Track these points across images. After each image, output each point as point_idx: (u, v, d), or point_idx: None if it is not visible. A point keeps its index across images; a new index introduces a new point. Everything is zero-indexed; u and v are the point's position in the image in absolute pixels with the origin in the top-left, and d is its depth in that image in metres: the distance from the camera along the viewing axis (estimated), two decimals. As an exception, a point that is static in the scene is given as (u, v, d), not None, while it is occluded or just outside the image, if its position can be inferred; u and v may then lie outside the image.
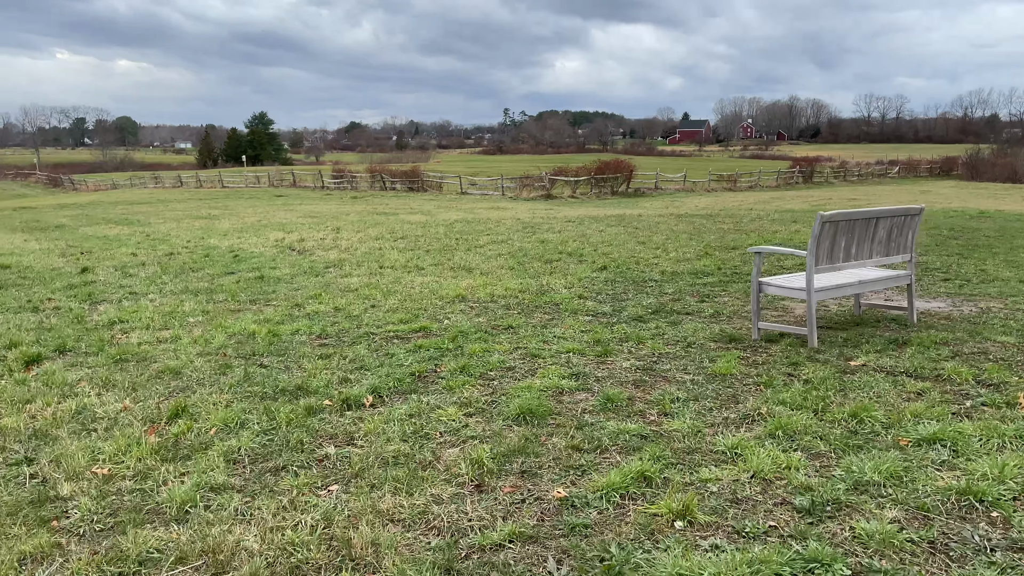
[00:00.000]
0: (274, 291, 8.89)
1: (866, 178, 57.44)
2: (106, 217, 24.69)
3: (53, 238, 16.90)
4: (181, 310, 7.72)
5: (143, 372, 5.42)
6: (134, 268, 11.00)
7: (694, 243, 12.84)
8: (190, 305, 7.97)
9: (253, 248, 13.42)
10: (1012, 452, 3.65)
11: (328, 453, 3.81)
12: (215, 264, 11.25)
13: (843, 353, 5.60)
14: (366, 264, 10.95)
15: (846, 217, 5.95)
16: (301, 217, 23.25)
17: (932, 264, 10.02)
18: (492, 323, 6.82)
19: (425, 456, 3.73)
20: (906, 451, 3.72)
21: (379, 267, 10.71)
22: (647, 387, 4.84)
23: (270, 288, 9.06)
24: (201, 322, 7.14)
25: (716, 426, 4.12)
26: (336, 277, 9.86)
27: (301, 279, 9.72)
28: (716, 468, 3.56)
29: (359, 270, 10.47)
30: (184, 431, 4.13)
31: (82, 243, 15.33)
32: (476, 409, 4.43)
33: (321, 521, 3.09)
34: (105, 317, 7.43)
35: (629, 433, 4.00)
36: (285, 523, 3.09)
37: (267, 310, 7.67)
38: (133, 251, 13.29)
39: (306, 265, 10.95)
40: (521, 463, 3.65)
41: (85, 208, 32.35)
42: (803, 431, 3.99)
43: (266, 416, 4.34)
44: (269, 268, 10.69)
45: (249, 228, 18.31)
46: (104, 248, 14.08)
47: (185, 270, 10.69)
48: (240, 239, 15.18)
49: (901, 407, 4.32)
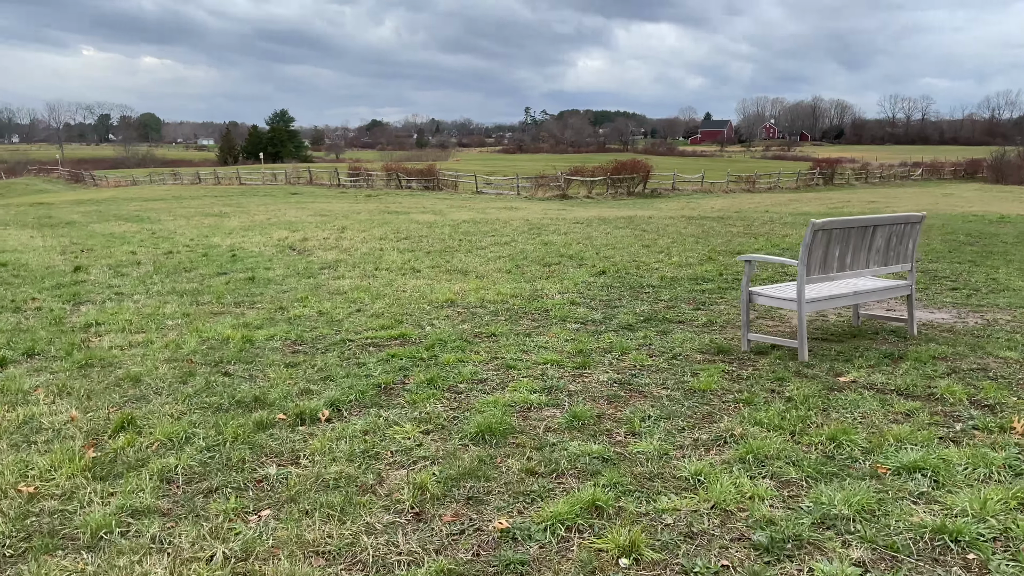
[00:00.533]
0: (262, 293, 8.72)
1: (888, 180, 56.64)
2: (118, 214, 24.72)
3: (60, 235, 16.87)
4: (162, 312, 7.56)
5: (104, 379, 5.25)
6: (128, 267, 10.88)
7: (699, 247, 12.55)
8: (172, 307, 7.82)
9: (253, 247, 13.28)
10: (997, 485, 3.38)
11: (268, 473, 3.61)
12: (211, 264, 11.11)
13: (833, 368, 5.33)
14: (362, 266, 10.77)
15: (840, 225, 5.67)
16: (311, 215, 23.14)
17: (941, 272, 9.69)
18: (475, 330, 6.60)
19: (368, 479, 3.51)
20: (883, 480, 3.46)
21: (375, 269, 10.52)
22: (620, 403, 4.60)
23: (258, 290, 8.89)
24: (179, 325, 6.97)
25: (685, 448, 3.88)
26: (329, 279, 9.68)
27: (292, 280, 9.55)
28: (676, 497, 3.32)
29: (354, 272, 10.28)
30: (124, 446, 3.94)
31: (86, 241, 15.27)
32: (435, 426, 4.21)
33: (239, 552, 2.89)
34: (84, 319, 7.29)
35: (590, 455, 3.76)
36: (201, 554, 2.88)
37: (249, 313, 7.50)
38: (133, 249, 13.19)
39: (302, 266, 10.78)
40: (469, 488, 3.43)
41: (101, 205, 32.48)
42: (776, 455, 3.73)
43: (214, 431, 4.14)
44: (263, 269, 10.54)
45: (256, 226, 18.20)
46: (106, 246, 14.00)
47: (179, 270, 10.56)
48: (243, 238, 15.06)
49: (885, 430, 4.05)
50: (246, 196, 37.58)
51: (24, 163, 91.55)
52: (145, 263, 11.29)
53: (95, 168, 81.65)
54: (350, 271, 10.33)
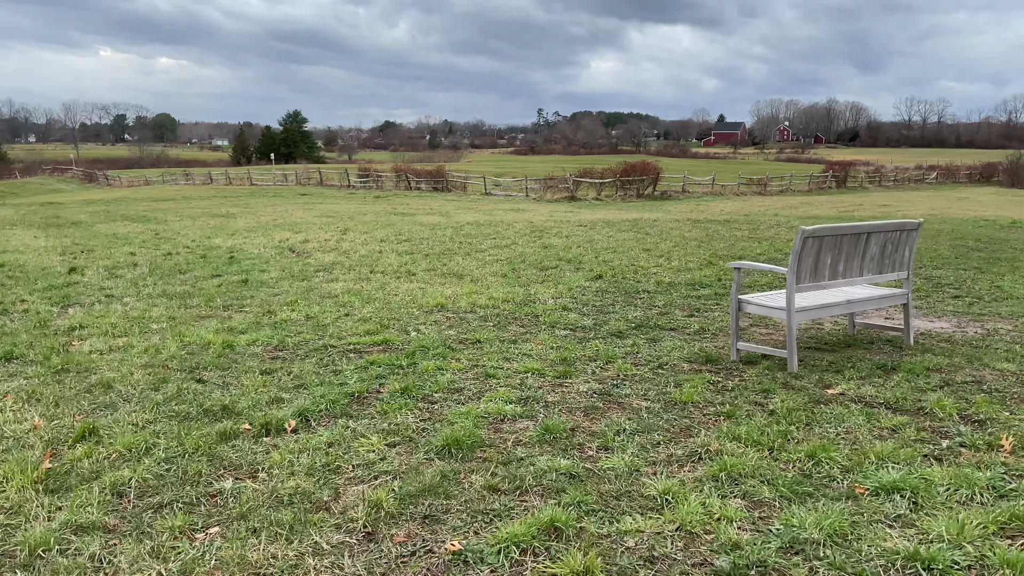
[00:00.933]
0: (252, 296, 8.64)
1: (902, 183, 56.15)
2: (126, 214, 24.76)
3: (63, 236, 16.87)
4: (148, 316, 7.48)
5: (77, 385, 5.16)
6: (124, 269, 10.82)
7: (701, 251, 12.38)
8: (160, 310, 7.74)
9: (253, 249, 13.22)
10: (978, 508, 3.23)
11: (223, 488, 3.50)
12: (208, 266, 11.04)
13: (822, 379, 5.18)
14: (358, 268, 10.68)
15: (832, 232, 5.52)
16: (317, 217, 23.10)
17: (945, 279, 9.49)
18: (460, 336, 6.48)
19: (323, 495, 3.40)
20: (860, 501, 3.32)
21: (370, 272, 10.42)
22: (596, 415, 4.47)
23: (250, 293, 8.81)
24: (163, 329, 6.89)
25: (657, 464, 3.74)
26: (322, 282, 9.59)
27: (285, 283, 9.47)
28: (641, 517, 3.19)
29: (348, 275, 10.19)
30: (82, 456, 3.84)
31: (88, 241, 15.26)
32: (403, 438, 4.09)
33: (177, 573, 2.78)
34: (69, 322, 7.22)
35: (558, 471, 3.63)
36: (138, 575, 2.77)
37: (236, 317, 7.40)
38: (133, 250, 13.15)
39: (298, 268, 10.70)
40: (427, 506, 3.31)
41: (110, 205, 32.59)
42: (751, 473, 3.59)
43: (176, 441, 4.04)
44: (259, 271, 10.46)
45: (259, 228, 18.16)
46: (107, 247, 13.98)
47: (174, 272, 10.49)
48: (245, 239, 15.00)
49: (867, 447, 3.90)
50: (255, 197, 37.64)
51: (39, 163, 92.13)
52: (142, 264, 11.23)
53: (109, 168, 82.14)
54: (345, 274, 10.23)
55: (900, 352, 5.95)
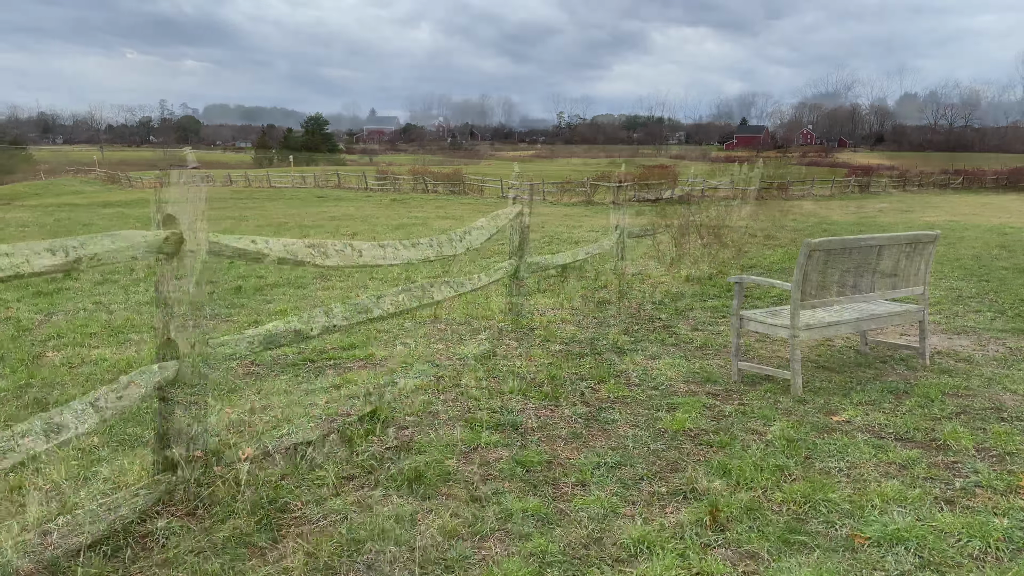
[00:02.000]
0: (243, 304, 8.38)
1: (926, 188, 55.18)
2: (139, 217, 24.68)
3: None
4: (130, 325, 7.23)
5: (32, 404, 4.88)
6: (119, 275, 10.60)
7: (712, 258, 11.98)
8: (144, 319, 7.48)
9: (255, 254, 12.96)
10: (992, 565, 2.85)
11: (155, 528, 3.19)
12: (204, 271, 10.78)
13: (828, 404, 4.80)
14: (356, 276, 10.39)
15: (840, 245, 5.14)
16: (328, 220, 22.91)
17: (967, 291, 9.05)
18: (448, 351, 6.16)
19: (261, 541, 3.07)
20: (858, 554, 2.95)
21: (368, 278, 10.14)
22: (578, 444, 4.12)
23: (241, 301, 8.55)
24: (141, 340, 6.62)
25: (636, 505, 3.39)
26: (317, 290, 9.31)
27: (279, 291, 9.20)
28: (609, 571, 2.84)
29: (346, 282, 9.91)
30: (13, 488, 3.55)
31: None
32: (362, 470, 3.77)
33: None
34: (49, 330, 6.98)
35: (525, 512, 3.29)
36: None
37: (221, 328, 7.12)
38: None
39: (295, 275, 10.42)
40: (373, 554, 2.97)
41: (127, 207, 32.62)
42: (740, 517, 3.24)
43: (119, 471, 3.74)
44: (255, 277, 10.20)
45: (267, 231, 17.95)
46: (109, 251, 13.78)
47: (169, 278, 10.24)
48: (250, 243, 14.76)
49: (872, 487, 3.53)
50: (271, 199, 37.60)
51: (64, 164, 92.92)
52: (137, 270, 11.01)
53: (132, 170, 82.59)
54: (343, 281, 9.95)
55: (915, 373, 5.55)
